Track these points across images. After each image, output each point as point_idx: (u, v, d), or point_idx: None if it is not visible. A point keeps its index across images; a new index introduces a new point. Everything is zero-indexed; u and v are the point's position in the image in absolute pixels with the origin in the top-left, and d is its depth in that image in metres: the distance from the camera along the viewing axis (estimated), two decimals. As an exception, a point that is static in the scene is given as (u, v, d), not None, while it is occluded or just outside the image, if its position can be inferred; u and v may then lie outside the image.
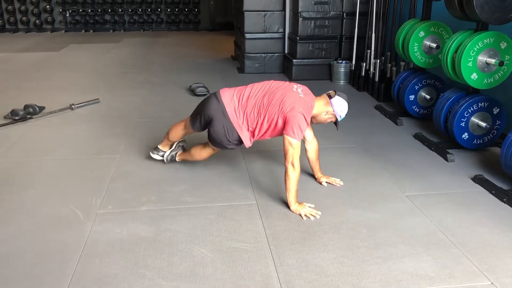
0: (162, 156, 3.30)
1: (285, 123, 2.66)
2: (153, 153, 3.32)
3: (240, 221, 2.61)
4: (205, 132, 2.99)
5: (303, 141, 2.86)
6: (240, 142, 2.84)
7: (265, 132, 2.80)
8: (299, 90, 2.76)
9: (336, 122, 2.83)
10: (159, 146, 3.31)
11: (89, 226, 2.53)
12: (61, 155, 3.54)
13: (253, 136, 2.84)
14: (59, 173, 3.23)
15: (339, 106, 2.75)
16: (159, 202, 2.80)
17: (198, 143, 3.18)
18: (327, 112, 2.77)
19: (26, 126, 4.17)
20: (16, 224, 2.56)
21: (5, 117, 4.28)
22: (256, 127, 2.79)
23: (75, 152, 3.60)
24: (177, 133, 3.18)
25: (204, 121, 2.91)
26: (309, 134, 2.96)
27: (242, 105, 2.79)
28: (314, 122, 2.87)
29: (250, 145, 2.87)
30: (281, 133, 2.71)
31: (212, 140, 2.92)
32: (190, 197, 2.87)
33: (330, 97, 2.76)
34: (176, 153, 3.28)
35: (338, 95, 2.76)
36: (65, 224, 2.55)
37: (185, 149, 3.31)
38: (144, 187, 3.00)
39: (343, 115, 2.80)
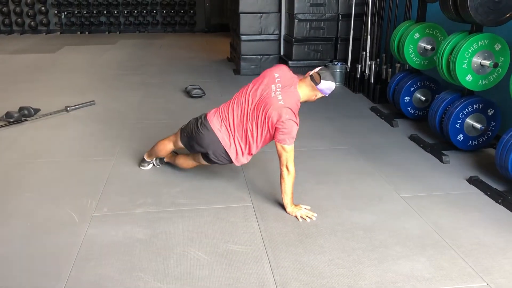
0: (151, 163, 3.30)
1: (275, 131, 2.62)
2: (143, 166, 3.29)
3: (236, 223, 2.60)
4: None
5: None
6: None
7: (260, 147, 2.79)
8: (277, 94, 2.61)
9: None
10: (146, 158, 3.27)
11: (85, 228, 2.52)
12: (57, 157, 3.53)
13: (249, 154, 2.82)
14: (54, 176, 3.21)
15: (328, 89, 2.65)
16: (154, 204, 2.79)
17: (185, 154, 3.15)
18: (315, 96, 2.70)
19: (21, 128, 4.15)
20: (10, 226, 2.55)
21: (0, 119, 4.27)
22: (250, 149, 2.77)
23: (70, 154, 3.59)
24: (167, 149, 3.10)
25: (200, 148, 2.84)
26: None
27: (231, 132, 2.74)
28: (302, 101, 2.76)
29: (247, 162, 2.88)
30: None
31: (209, 161, 2.90)
32: (186, 199, 2.87)
33: (316, 83, 2.62)
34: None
35: (324, 79, 2.62)
36: (60, 227, 2.54)
37: (175, 153, 3.29)
38: (139, 189, 3.00)
39: (331, 91, 2.69)
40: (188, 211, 2.73)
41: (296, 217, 2.65)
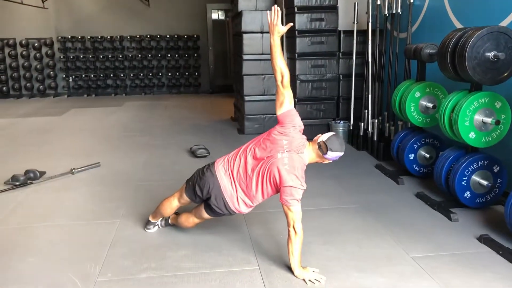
0: (156, 225, 3.28)
1: (280, 192, 2.61)
2: (148, 229, 3.27)
3: None
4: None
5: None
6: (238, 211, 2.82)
7: (262, 200, 2.78)
8: (284, 156, 2.61)
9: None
10: (151, 219, 3.25)
11: (87, 295, 2.46)
12: (61, 221, 3.50)
13: (250, 207, 2.81)
14: (58, 240, 3.17)
15: (334, 155, 2.62)
16: (159, 269, 2.74)
17: (187, 211, 3.13)
18: (322, 161, 2.69)
19: (26, 191, 4.15)
20: (12, 294, 2.49)
21: (5, 183, 4.28)
22: (252, 201, 2.76)
23: (74, 217, 3.56)
24: (172, 207, 3.08)
25: (202, 193, 2.82)
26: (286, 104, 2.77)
27: (234, 180, 2.73)
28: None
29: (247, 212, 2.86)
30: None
31: (210, 211, 2.85)
32: (191, 263, 2.81)
33: (323, 152, 2.61)
34: (169, 217, 3.25)
35: (331, 150, 2.59)
36: (62, 294, 2.48)
37: (177, 213, 3.26)
38: (143, 253, 2.95)
39: (338, 156, 2.67)
40: (192, 275, 2.66)
41: (304, 280, 2.58)
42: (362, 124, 5.56)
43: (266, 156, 2.65)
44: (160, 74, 11.88)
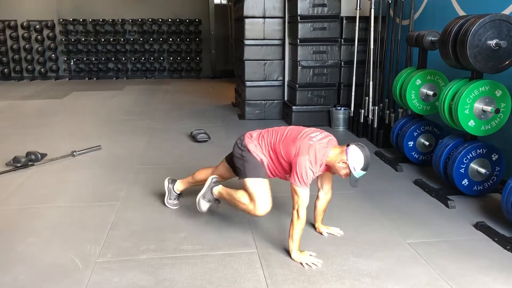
0: (176, 199, 3.38)
1: (290, 170, 2.65)
2: (170, 203, 3.38)
3: (241, 270, 2.57)
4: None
5: (317, 189, 2.89)
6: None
7: (274, 171, 2.83)
8: (315, 136, 2.68)
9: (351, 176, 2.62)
10: (175, 189, 3.35)
11: (88, 275, 2.50)
12: (62, 202, 3.53)
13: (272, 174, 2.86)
14: (59, 221, 3.21)
15: (354, 157, 2.56)
16: (158, 251, 2.77)
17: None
18: (341, 161, 2.59)
19: (27, 173, 4.18)
20: (13, 273, 2.52)
21: (7, 164, 4.31)
22: (274, 169, 2.81)
23: (75, 199, 3.59)
24: (207, 172, 3.22)
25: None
26: (326, 185, 2.91)
27: (263, 147, 2.80)
28: (332, 173, 2.76)
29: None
30: None
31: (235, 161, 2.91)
32: (190, 245, 2.85)
33: (348, 146, 2.61)
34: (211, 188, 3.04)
35: (356, 145, 2.59)
36: (63, 273, 2.52)
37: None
38: (143, 234, 2.98)
39: (357, 169, 2.57)
40: (192, 257, 2.70)
41: (301, 263, 2.62)
42: (363, 111, 5.56)
43: (296, 135, 2.73)
44: (161, 58, 11.84)
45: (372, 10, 5.41)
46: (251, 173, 2.75)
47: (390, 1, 5.45)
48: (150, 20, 11.56)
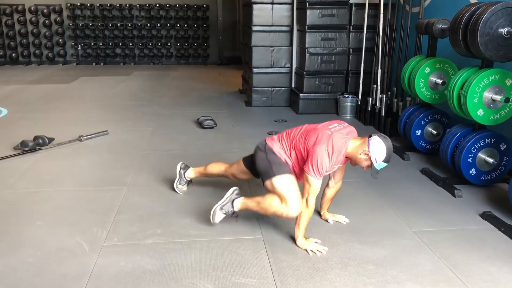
0: (185, 185, 3.38)
1: (307, 157, 2.62)
2: (179, 188, 3.38)
3: (246, 255, 2.58)
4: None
5: (328, 178, 2.89)
6: None
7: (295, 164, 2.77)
8: (335, 127, 2.67)
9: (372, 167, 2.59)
10: (187, 176, 3.34)
11: (94, 258, 2.52)
12: (69, 186, 3.56)
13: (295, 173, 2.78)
14: (66, 205, 3.24)
15: (376, 147, 2.52)
16: (164, 235, 2.79)
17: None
18: (362, 152, 2.56)
19: (35, 157, 4.21)
20: (20, 256, 2.55)
21: (15, 148, 4.34)
22: (298, 172, 2.76)
23: (82, 183, 3.62)
24: (220, 168, 3.23)
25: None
26: (338, 175, 2.90)
27: (284, 144, 2.78)
28: (352, 164, 2.70)
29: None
30: None
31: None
32: (196, 230, 2.86)
33: (369, 137, 2.57)
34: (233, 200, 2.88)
35: (379, 136, 2.55)
36: (70, 257, 2.54)
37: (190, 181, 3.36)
38: (150, 219, 3.00)
39: (379, 160, 2.54)
40: (197, 242, 2.72)
41: (306, 250, 2.62)
42: (370, 99, 5.52)
43: (314, 128, 2.72)
44: (168, 44, 11.81)
45: (382, -3, 5.35)
46: (278, 170, 2.67)
47: (400, -12, 5.39)
48: (157, 5, 11.51)
